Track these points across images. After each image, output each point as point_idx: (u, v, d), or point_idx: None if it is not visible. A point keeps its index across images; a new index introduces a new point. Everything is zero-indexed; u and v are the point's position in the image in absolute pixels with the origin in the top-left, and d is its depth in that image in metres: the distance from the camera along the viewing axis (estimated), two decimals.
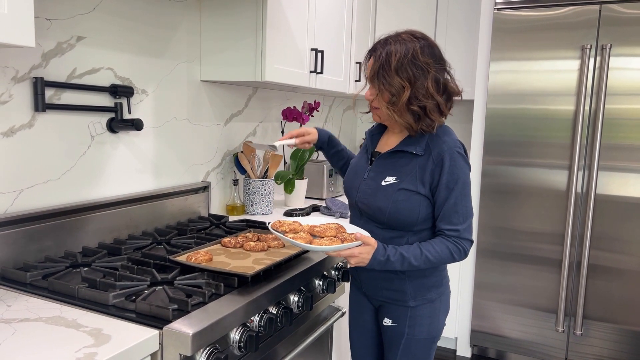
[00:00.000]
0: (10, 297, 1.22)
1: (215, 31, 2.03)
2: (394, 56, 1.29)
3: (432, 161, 1.34)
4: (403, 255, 1.31)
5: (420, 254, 1.32)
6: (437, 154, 1.34)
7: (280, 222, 1.43)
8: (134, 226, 1.77)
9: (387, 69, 1.30)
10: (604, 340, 2.61)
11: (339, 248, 1.27)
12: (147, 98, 1.84)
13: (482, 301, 2.86)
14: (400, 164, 1.39)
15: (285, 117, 2.50)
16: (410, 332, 1.43)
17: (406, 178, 1.36)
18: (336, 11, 2.57)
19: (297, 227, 1.41)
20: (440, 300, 1.45)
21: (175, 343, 1.05)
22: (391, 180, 1.38)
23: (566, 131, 2.58)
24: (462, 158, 1.35)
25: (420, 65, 1.30)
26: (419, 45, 1.31)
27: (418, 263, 1.32)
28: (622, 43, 2.43)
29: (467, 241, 1.35)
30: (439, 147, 1.34)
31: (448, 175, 1.32)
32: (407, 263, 1.31)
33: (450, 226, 1.34)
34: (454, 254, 1.34)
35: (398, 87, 1.29)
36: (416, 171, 1.35)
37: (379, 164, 1.43)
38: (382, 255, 1.30)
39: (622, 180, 2.49)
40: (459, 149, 1.35)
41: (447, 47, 3.10)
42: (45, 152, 1.49)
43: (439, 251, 1.33)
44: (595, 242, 2.57)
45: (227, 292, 1.27)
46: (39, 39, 1.43)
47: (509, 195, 2.73)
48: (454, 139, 1.37)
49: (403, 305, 1.44)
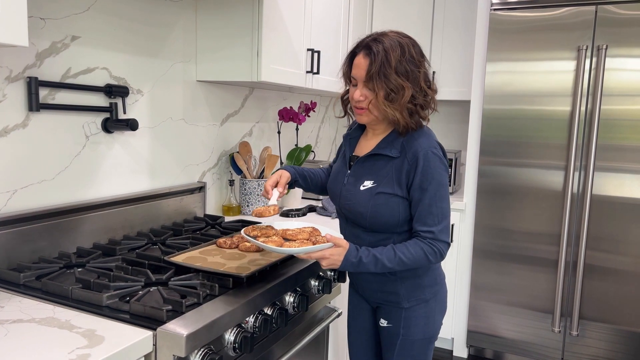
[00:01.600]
0: (3, 298, 1.21)
1: (211, 31, 2.02)
2: (393, 53, 1.28)
3: (407, 162, 1.33)
4: (376, 256, 1.29)
5: (394, 255, 1.30)
6: (411, 155, 1.32)
7: (253, 227, 1.41)
8: (129, 227, 1.76)
9: (388, 67, 1.27)
10: (600, 340, 2.61)
11: (309, 250, 1.25)
12: (143, 98, 1.83)
13: (478, 302, 2.86)
14: (377, 168, 1.38)
15: (282, 118, 2.50)
16: (406, 333, 1.43)
17: (383, 181, 1.35)
18: (333, 11, 2.56)
19: (268, 232, 1.39)
20: (436, 299, 1.44)
21: (169, 344, 1.05)
22: (369, 185, 1.37)
23: (562, 132, 2.58)
24: (438, 159, 1.33)
25: (415, 62, 1.30)
26: (410, 43, 1.31)
27: (392, 265, 1.30)
28: (618, 44, 2.43)
29: (443, 243, 1.34)
30: (414, 148, 1.33)
31: (421, 175, 1.31)
32: (381, 265, 1.30)
33: (425, 227, 1.32)
34: (429, 256, 1.32)
35: (398, 85, 1.28)
36: (392, 174, 1.34)
37: (357, 169, 1.42)
38: (354, 257, 1.28)
39: (618, 180, 2.50)
40: (434, 150, 1.33)
41: (444, 47, 3.10)
42: (39, 152, 1.48)
43: (413, 253, 1.31)
44: (591, 242, 2.57)
45: (222, 292, 1.27)
46: (33, 38, 1.43)
47: (505, 195, 2.73)
48: (431, 139, 1.35)
49: (397, 307, 1.43)
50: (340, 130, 3.58)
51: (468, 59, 3.02)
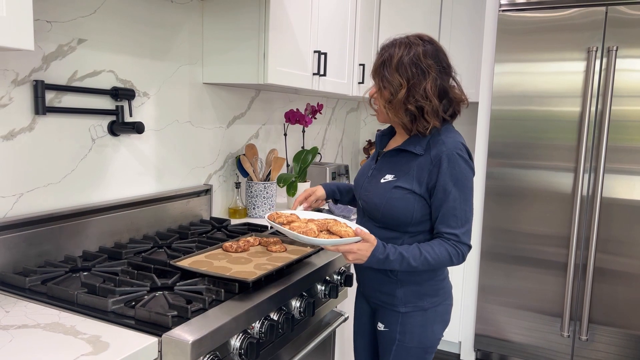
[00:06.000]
0: (9, 302, 1.21)
1: (218, 33, 2.01)
2: (397, 54, 1.31)
3: (430, 161, 1.33)
4: (402, 254, 1.29)
5: (419, 254, 1.30)
6: (435, 154, 1.32)
7: (278, 214, 1.40)
8: (135, 230, 1.76)
9: (388, 66, 1.32)
10: (610, 345, 2.58)
11: (338, 242, 1.25)
12: (149, 101, 1.82)
13: (486, 305, 2.84)
14: (400, 163, 1.39)
15: (288, 120, 2.49)
16: (402, 338, 1.41)
17: (403, 176, 1.36)
18: (339, 13, 2.55)
19: (295, 219, 1.38)
20: (435, 310, 1.42)
21: (175, 351, 1.04)
22: (389, 178, 1.38)
23: (572, 133, 2.55)
24: (463, 160, 1.32)
25: (422, 67, 1.30)
26: (423, 48, 1.31)
27: (417, 264, 1.30)
28: (629, 45, 2.40)
29: (465, 246, 1.34)
30: (438, 147, 1.33)
31: (445, 177, 1.30)
32: (406, 263, 1.29)
33: (449, 229, 1.32)
34: (452, 258, 1.32)
35: (397, 85, 1.30)
36: (414, 170, 1.35)
37: (382, 163, 1.45)
38: (382, 254, 1.28)
39: (629, 182, 2.46)
40: (459, 151, 1.32)
41: (452, 48, 3.07)
42: (45, 156, 1.48)
43: (438, 253, 1.31)
44: (601, 245, 2.54)
45: (228, 298, 1.26)
46: (39, 41, 1.42)
47: (513, 197, 2.71)
48: (456, 140, 1.35)
49: (394, 310, 1.42)
50: (347, 132, 3.57)
51: (475, 61, 3.00)
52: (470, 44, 3.02)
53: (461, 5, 3.02)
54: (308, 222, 1.35)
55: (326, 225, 1.34)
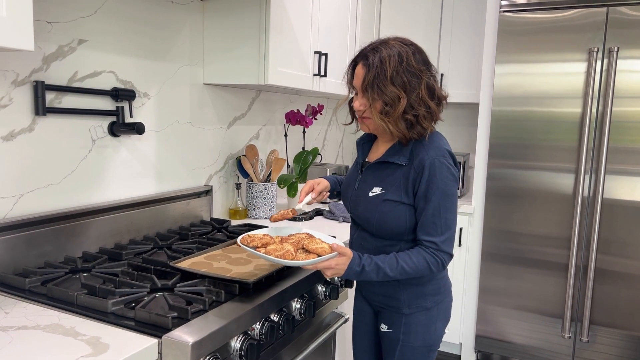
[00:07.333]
0: (8, 303, 1.20)
1: (219, 33, 2.01)
2: (389, 64, 1.25)
3: (414, 170, 1.31)
4: (378, 265, 1.28)
5: (396, 264, 1.28)
6: (418, 162, 1.30)
7: (251, 236, 1.34)
8: (135, 231, 1.75)
9: (383, 78, 1.25)
10: (611, 346, 2.57)
11: (316, 261, 1.22)
12: (149, 101, 1.82)
13: (486, 306, 2.83)
14: (385, 174, 1.36)
15: (289, 120, 2.49)
16: (406, 339, 1.41)
17: (391, 189, 1.34)
18: (340, 14, 2.55)
19: (268, 240, 1.32)
20: (438, 308, 1.42)
21: (175, 352, 1.04)
22: (377, 191, 1.36)
23: (573, 134, 2.55)
24: (446, 168, 1.29)
25: (414, 72, 1.27)
26: (410, 51, 1.28)
27: (394, 274, 1.28)
28: (630, 46, 2.40)
29: (445, 254, 1.31)
30: (421, 155, 1.30)
31: (427, 184, 1.29)
32: (383, 273, 1.28)
33: (428, 237, 1.30)
34: (431, 266, 1.30)
35: (393, 96, 1.26)
36: (400, 181, 1.33)
37: (367, 175, 1.42)
38: (358, 265, 1.27)
39: (630, 183, 2.46)
40: (442, 157, 1.30)
41: (452, 49, 3.07)
42: (45, 156, 1.48)
43: (416, 262, 1.29)
44: (602, 246, 2.54)
45: (228, 299, 1.25)
46: (39, 42, 1.42)
47: (514, 198, 2.70)
48: (439, 147, 1.32)
49: (398, 312, 1.41)
50: (347, 133, 3.56)
51: (476, 61, 2.99)
52: (471, 45, 3.01)
53: (462, 5, 3.02)
54: (283, 243, 1.31)
55: (301, 243, 1.30)
